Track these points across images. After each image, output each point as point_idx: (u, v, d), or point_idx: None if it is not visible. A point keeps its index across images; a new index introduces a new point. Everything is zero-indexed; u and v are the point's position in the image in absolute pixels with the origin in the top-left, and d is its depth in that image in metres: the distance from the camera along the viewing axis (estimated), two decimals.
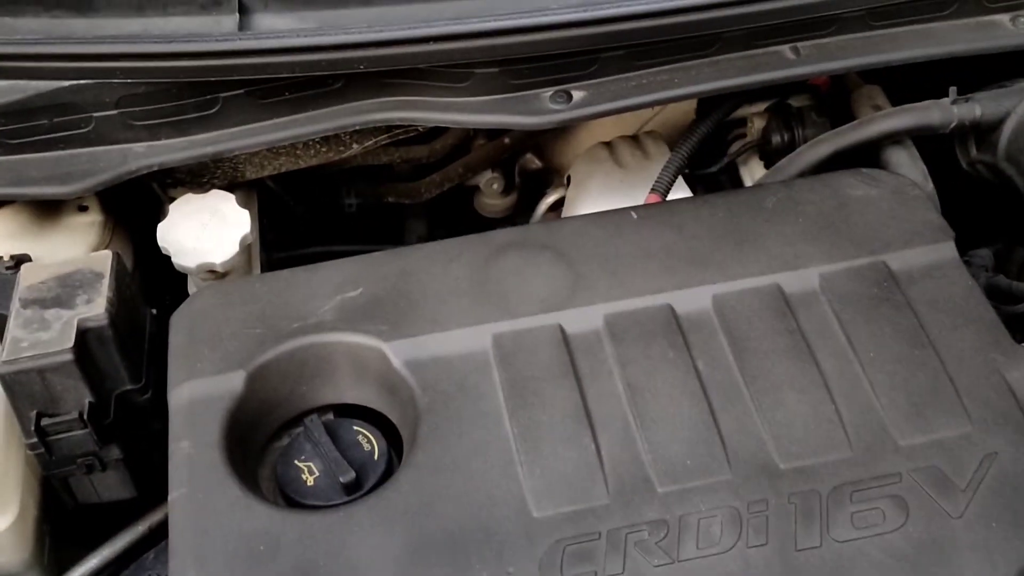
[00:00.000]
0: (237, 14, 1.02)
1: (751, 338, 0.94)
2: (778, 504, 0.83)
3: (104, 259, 1.02)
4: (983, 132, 1.16)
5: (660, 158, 1.28)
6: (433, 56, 1.01)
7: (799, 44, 1.10)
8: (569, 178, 1.37)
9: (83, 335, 0.95)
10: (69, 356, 0.94)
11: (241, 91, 1.05)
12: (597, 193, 1.28)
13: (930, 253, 0.99)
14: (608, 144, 1.36)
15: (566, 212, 1.34)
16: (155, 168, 1.07)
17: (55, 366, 0.94)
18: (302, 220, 1.41)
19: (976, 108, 1.13)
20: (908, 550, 0.81)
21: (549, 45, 1.03)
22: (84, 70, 1.01)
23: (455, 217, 1.50)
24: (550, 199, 1.41)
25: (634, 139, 1.37)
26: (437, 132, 1.36)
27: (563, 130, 1.43)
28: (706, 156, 1.38)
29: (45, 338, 0.95)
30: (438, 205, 1.48)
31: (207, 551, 0.83)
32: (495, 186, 1.48)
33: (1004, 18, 1.13)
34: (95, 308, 0.97)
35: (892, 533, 0.82)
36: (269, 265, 1.26)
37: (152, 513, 1.03)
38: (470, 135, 1.40)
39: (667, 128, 1.41)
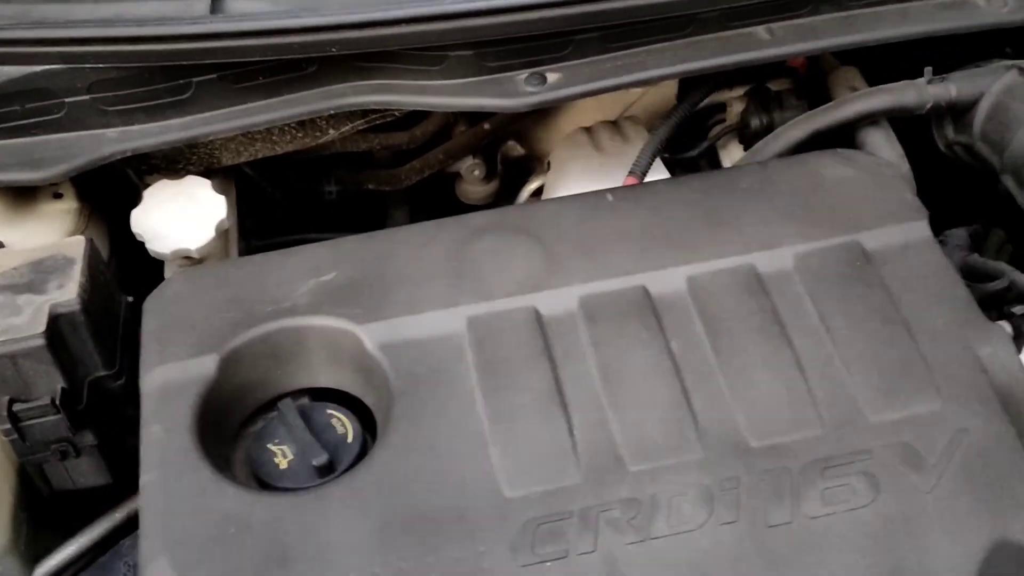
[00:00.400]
0: None
1: (725, 318, 0.94)
2: (749, 481, 0.83)
3: (77, 245, 1.02)
4: (959, 113, 1.15)
5: (639, 142, 1.27)
6: (405, 38, 1.01)
7: (773, 25, 1.10)
8: (549, 163, 1.37)
9: (55, 320, 0.95)
10: (40, 341, 0.93)
11: (214, 75, 1.05)
12: (576, 177, 1.28)
13: (904, 232, 0.99)
14: (588, 129, 1.36)
15: (546, 197, 1.33)
16: (128, 154, 1.07)
17: (26, 351, 0.93)
18: (281, 207, 1.40)
19: (951, 88, 1.13)
20: (878, 525, 0.81)
21: (523, 27, 1.03)
22: (55, 55, 1.00)
23: (437, 204, 1.49)
24: (532, 186, 1.41)
25: (614, 124, 1.36)
26: (417, 118, 1.36)
27: (545, 116, 1.42)
28: (686, 141, 1.38)
29: (16, 323, 0.94)
30: (420, 192, 1.48)
31: (178, 534, 0.83)
32: (476, 172, 1.48)
33: None
34: (67, 293, 0.96)
35: (863, 509, 0.82)
36: (248, 252, 1.25)
37: (129, 500, 1.03)
38: (451, 121, 1.40)
39: (648, 113, 1.41)
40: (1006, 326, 0.97)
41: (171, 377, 0.92)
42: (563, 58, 1.08)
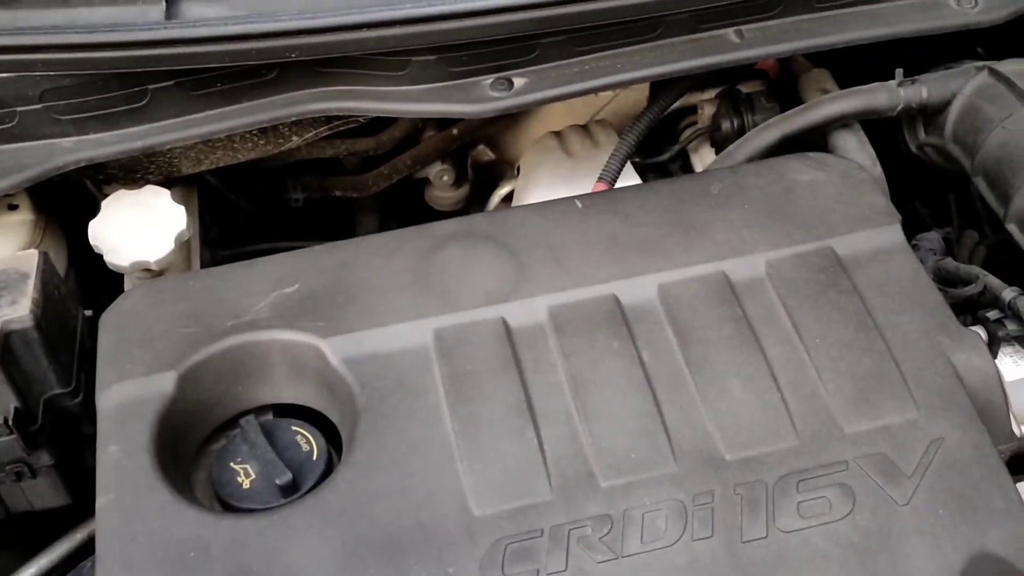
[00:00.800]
0: (164, 2, 0.98)
1: (697, 327, 0.92)
2: (724, 496, 0.82)
3: (30, 259, 0.99)
4: (930, 115, 1.14)
5: (609, 147, 1.26)
6: (367, 43, 0.98)
7: (743, 27, 1.08)
8: (519, 168, 1.35)
9: (7, 338, 0.92)
10: None
11: (171, 82, 1.02)
12: (546, 183, 1.26)
13: (876, 237, 0.98)
14: (557, 134, 1.34)
15: (516, 202, 1.32)
16: (83, 163, 1.04)
17: None
18: (247, 216, 1.37)
19: (923, 90, 1.12)
20: (855, 538, 0.79)
21: (487, 31, 1.01)
22: (3, 63, 0.97)
23: (407, 211, 1.47)
24: (503, 191, 1.39)
25: (584, 128, 1.35)
26: (384, 123, 1.34)
27: (514, 121, 1.41)
28: (657, 145, 1.37)
29: None
30: (390, 199, 1.46)
31: (135, 559, 0.80)
32: (445, 178, 1.46)
33: None
34: (19, 309, 0.94)
35: (839, 522, 0.80)
36: (213, 263, 1.23)
37: (90, 521, 1.01)
38: (419, 126, 1.38)
39: (619, 117, 1.39)
40: (980, 331, 0.96)
41: (128, 395, 0.89)
42: (530, 62, 1.06)
